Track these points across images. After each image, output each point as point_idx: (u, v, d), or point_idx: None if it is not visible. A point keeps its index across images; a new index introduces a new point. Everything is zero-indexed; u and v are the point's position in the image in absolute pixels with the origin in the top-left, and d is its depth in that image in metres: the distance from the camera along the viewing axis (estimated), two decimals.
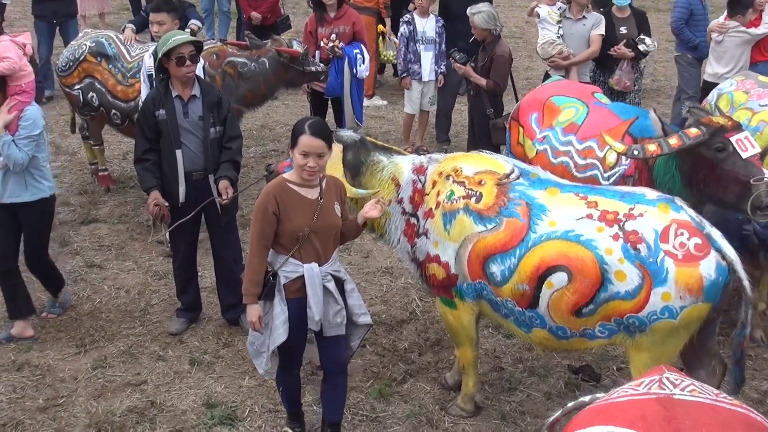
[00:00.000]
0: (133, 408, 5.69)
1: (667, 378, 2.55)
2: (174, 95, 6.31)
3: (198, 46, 6.37)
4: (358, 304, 5.12)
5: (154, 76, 7.20)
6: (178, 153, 6.24)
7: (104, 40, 8.55)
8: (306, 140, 4.77)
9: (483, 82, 8.61)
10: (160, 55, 6.21)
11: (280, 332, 4.87)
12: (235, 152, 6.45)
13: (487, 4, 8.93)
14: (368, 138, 5.82)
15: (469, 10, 8.64)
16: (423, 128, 10.51)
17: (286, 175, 4.98)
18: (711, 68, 9.25)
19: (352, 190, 5.36)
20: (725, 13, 9.29)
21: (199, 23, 9.07)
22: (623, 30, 9.03)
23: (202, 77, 6.80)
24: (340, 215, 5.01)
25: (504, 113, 8.48)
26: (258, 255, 4.86)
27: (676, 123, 7.95)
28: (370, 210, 5.03)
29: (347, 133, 5.66)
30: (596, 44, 9.14)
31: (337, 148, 5.41)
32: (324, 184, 4.92)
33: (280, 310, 4.87)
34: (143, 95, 7.42)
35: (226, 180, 6.25)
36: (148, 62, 7.47)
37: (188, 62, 6.19)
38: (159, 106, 6.30)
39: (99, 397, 5.84)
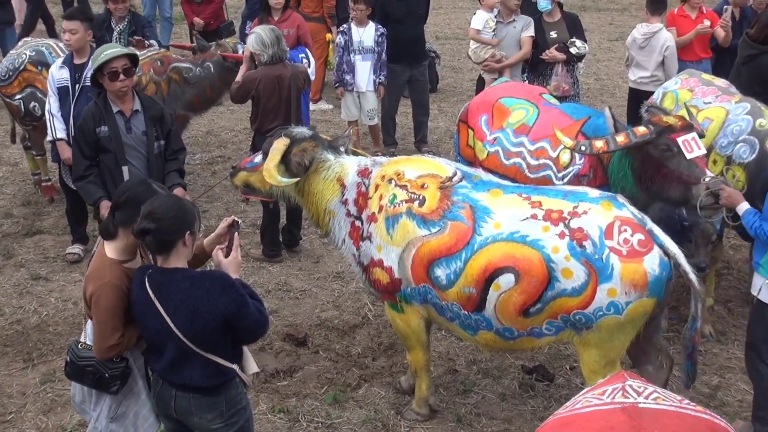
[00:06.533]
0: (83, 422, 5.57)
1: (630, 385, 2.56)
2: (115, 111, 6.13)
3: (133, 59, 6.13)
4: None
5: (71, 88, 7.17)
6: (125, 169, 6.12)
7: (45, 48, 8.39)
8: None
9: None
10: (92, 70, 6.02)
11: (151, 421, 4.38)
12: (181, 162, 6.41)
13: (265, 27, 7.80)
14: (324, 136, 5.81)
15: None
16: (377, 139, 10.51)
17: (113, 256, 4.24)
18: (633, 74, 9.32)
19: (276, 178, 5.31)
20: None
21: (155, 43, 8.76)
22: (553, 34, 9.09)
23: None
24: None
25: None
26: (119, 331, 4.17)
27: None
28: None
29: (299, 130, 5.62)
30: (527, 46, 9.26)
31: (280, 143, 5.40)
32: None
33: (145, 398, 4.35)
34: (53, 108, 7.26)
35: (180, 187, 6.18)
36: (57, 74, 7.29)
37: (122, 76, 5.96)
38: (100, 123, 6.10)
39: (49, 412, 5.74)
